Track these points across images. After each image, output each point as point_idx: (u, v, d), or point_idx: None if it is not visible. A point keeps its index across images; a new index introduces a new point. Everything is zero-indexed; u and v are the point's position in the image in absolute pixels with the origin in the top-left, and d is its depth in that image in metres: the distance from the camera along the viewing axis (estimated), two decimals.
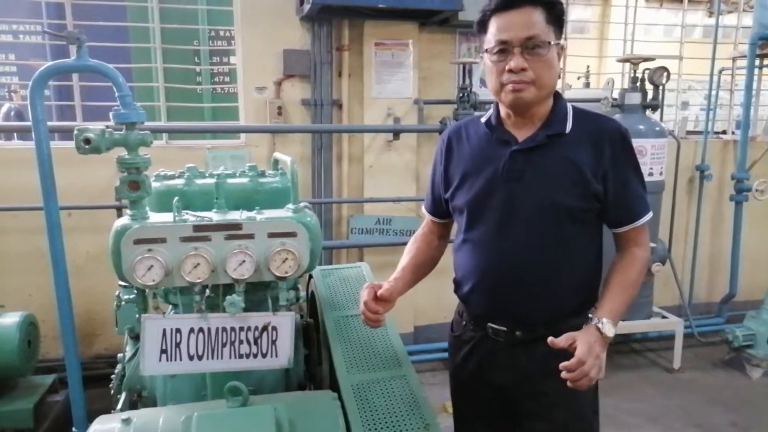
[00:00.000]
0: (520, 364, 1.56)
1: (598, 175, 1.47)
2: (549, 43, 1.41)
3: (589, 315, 1.54)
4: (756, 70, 4.38)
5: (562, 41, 1.46)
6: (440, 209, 1.71)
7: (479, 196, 1.54)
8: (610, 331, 1.42)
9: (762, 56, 4.35)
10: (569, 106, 1.55)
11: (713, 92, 4.53)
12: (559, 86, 1.60)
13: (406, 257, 1.72)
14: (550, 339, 1.37)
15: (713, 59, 4.44)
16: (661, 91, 3.83)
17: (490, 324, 1.58)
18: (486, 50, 1.46)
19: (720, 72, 4.64)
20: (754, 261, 4.70)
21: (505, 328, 1.56)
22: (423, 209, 1.80)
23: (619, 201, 1.51)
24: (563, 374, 1.34)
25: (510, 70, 1.41)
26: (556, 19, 1.44)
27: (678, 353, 3.98)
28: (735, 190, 4.43)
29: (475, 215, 1.56)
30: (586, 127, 1.51)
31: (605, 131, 1.50)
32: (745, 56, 4.31)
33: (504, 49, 1.41)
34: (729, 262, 4.58)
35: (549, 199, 1.47)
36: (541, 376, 1.51)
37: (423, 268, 1.74)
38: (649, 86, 3.78)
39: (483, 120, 1.61)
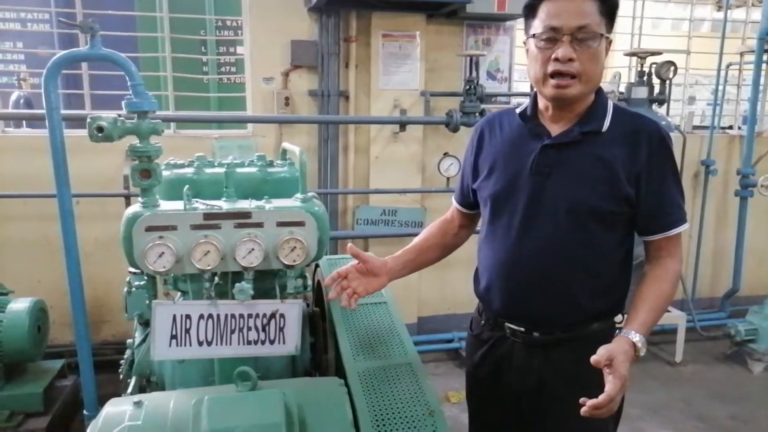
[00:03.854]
0: (536, 367, 1.51)
1: (631, 178, 1.40)
2: (600, 35, 1.35)
3: (617, 324, 1.50)
4: (764, 65, 4.36)
5: (611, 35, 1.40)
6: (467, 199, 1.68)
7: (505, 188, 1.49)
8: (642, 349, 1.34)
9: None
10: (610, 102, 1.48)
11: (720, 87, 4.51)
12: None
13: (416, 239, 1.70)
14: (593, 358, 1.26)
15: (721, 54, 4.42)
16: (667, 86, 3.82)
17: (507, 324, 1.54)
18: (533, 35, 1.39)
19: (727, 67, 4.62)
20: (758, 257, 4.71)
21: (522, 329, 1.52)
22: (452, 199, 1.76)
23: (652, 207, 1.43)
24: (584, 410, 1.24)
25: (556, 59, 1.34)
26: (610, 11, 1.38)
27: (680, 347, 4.00)
28: (740, 186, 4.43)
29: (498, 208, 1.51)
30: (624, 126, 1.44)
31: (643, 132, 1.42)
32: (753, 51, 4.29)
33: (552, 36, 1.35)
34: (733, 257, 4.59)
35: (575, 198, 1.41)
36: (559, 381, 1.48)
37: (429, 252, 1.70)
38: (655, 80, 3.78)
39: (518, 111, 1.55)
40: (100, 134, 1.56)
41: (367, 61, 3.81)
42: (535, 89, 1.48)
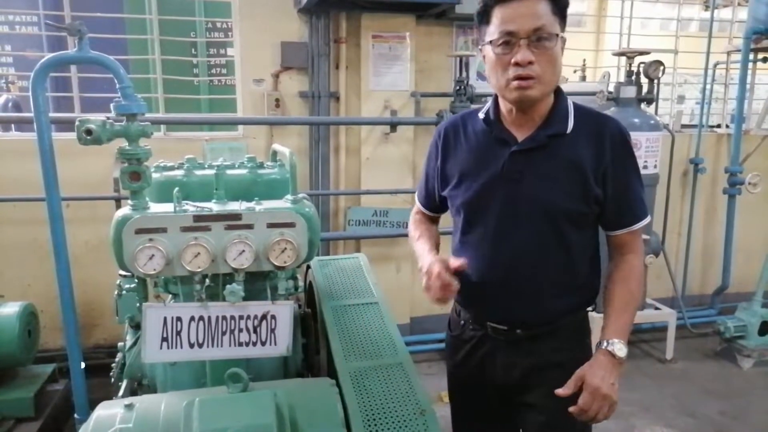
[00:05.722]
0: (520, 361, 1.55)
1: (598, 177, 1.44)
2: (556, 35, 1.35)
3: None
4: (750, 64, 4.41)
5: (564, 34, 1.41)
6: (434, 204, 1.70)
7: (478, 197, 1.50)
8: (621, 351, 1.40)
9: (756, 50, 4.38)
10: (570, 102, 1.50)
11: (708, 86, 4.55)
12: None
13: (425, 242, 1.63)
14: (557, 391, 1.38)
15: (708, 53, 4.47)
16: (656, 85, 3.86)
17: (490, 323, 1.56)
18: (489, 42, 1.38)
19: (715, 66, 4.66)
20: (746, 253, 4.75)
21: (505, 327, 1.54)
22: (416, 199, 1.77)
23: (618, 203, 1.47)
24: (572, 409, 1.37)
25: (516, 64, 1.34)
26: (561, 10, 1.38)
27: (671, 344, 4.04)
28: (728, 184, 4.47)
29: (473, 216, 1.53)
30: (587, 126, 1.46)
31: (606, 131, 1.45)
32: (739, 50, 4.34)
33: (509, 41, 1.34)
34: (722, 254, 4.63)
35: (549, 202, 1.44)
36: (541, 370, 1.52)
37: (438, 244, 1.70)
38: (644, 80, 3.81)
39: (480, 115, 1.54)
40: (88, 137, 1.56)
41: (358, 63, 3.82)
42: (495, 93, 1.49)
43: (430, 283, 1.42)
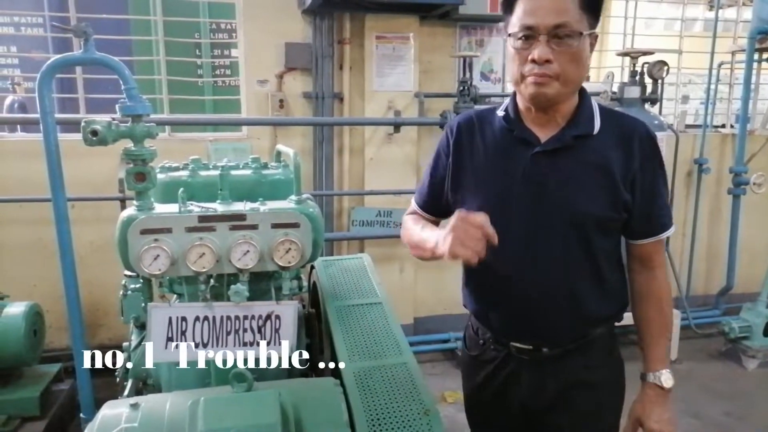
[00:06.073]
0: (546, 381, 1.44)
1: (626, 182, 1.34)
2: (580, 33, 1.24)
3: (642, 373, 1.48)
4: (755, 64, 4.39)
5: (596, 30, 1.30)
6: (439, 207, 1.54)
7: (496, 202, 1.37)
8: (669, 381, 1.37)
9: (761, 50, 4.36)
10: (594, 102, 1.40)
11: (712, 86, 4.54)
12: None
13: (431, 228, 1.43)
14: None
15: (712, 53, 4.45)
16: (660, 85, 3.85)
17: (513, 343, 1.45)
18: (509, 34, 1.30)
19: (719, 66, 4.65)
20: (751, 254, 4.74)
21: (530, 347, 1.43)
22: (413, 202, 1.61)
23: (645, 210, 1.37)
24: None
25: (533, 61, 1.25)
26: (592, 5, 1.27)
27: (675, 345, 4.03)
28: (733, 184, 4.46)
29: (490, 222, 1.33)
30: (614, 128, 1.36)
31: (635, 133, 1.35)
32: (744, 50, 4.33)
33: (529, 35, 1.25)
34: (726, 254, 4.62)
35: (577, 209, 1.33)
36: (569, 390, 1.44)
37: None
38: (648, 80, 3.81)
39: (500, 113, 1.43)
40: (94, 138, 1.57)
41: (361, 63, 3.83)
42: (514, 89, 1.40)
43: (467, 229, 1.18)
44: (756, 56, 4.35)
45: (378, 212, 3.95)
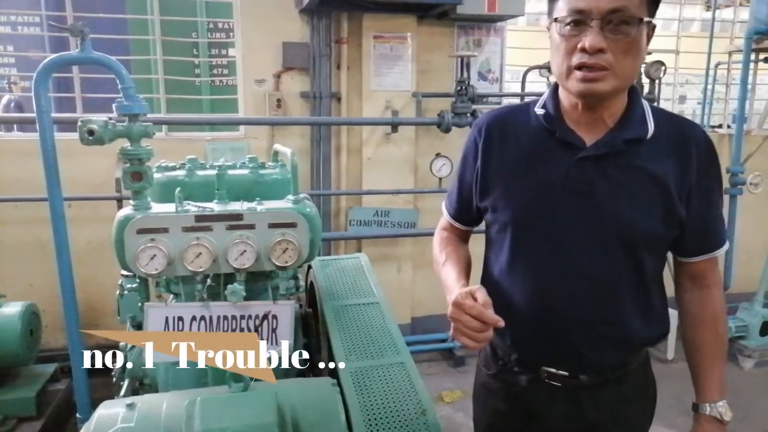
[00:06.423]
0: (584, 413, 1.29)
1: (682, 195, 1.18)
2: (640, 20, 1.08)
3: (695, 403, 1.31)
4: (751, 65, 4.40)
5: (654, 20, 1.14)
6: (468, 215, 1.40)
7: (531, 211, 1.22)
8: (728, 413, 1.24)
9: (758, 50, 4.37)
10: (645, 102, 1.24)
11: (709, 86, 4.55)
12: None
13: (452, 266, 1.34)
14: None
15: (709, 53, 4.46)
16: (657, 85, 3.86)
17: (545, 368, 1.29)
18: (555, 20, 1.14)
19: (716, 66, 4.66)
20: (747, 254, 4.74)
21: (566, 373, 1.28)
22: (443, 210, 1.47)
23: (701, 225, 1.22)
24: None
25: (583, 49, 1.09)
26: None
27: (672, 344, 4.03)
28: (730, 184, 4.46)
29: (524, 235, 1.25)
30: (669, 131, 1.20)
31: (692, 139, 1.19)
32: (741, 50, 4.33)
33: (580, 20, 1.09)
34: (723, 254, 4.62)
35: (627, 222, 1.17)
36: (610, 425, 1.30)
37: (469, 268, 1.41)
38: (645, 80, 3.81)
39: (538, 110, 1.26)
40: (91, 137, 1.57)
41: (359, 63, 3.83)
42: (557, 83, 1.24)
43: (464, 320, 1.09)
44: (753, 57, 4.36)
45: (375, 212, 3.95)
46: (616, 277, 1.21)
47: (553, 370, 1.29)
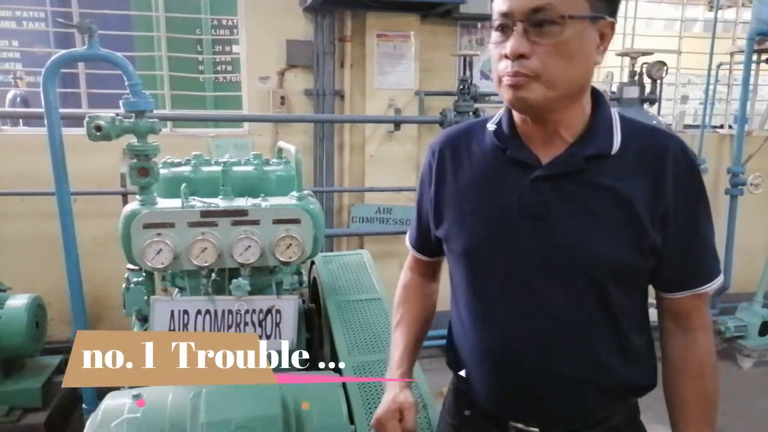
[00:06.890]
0: None
1: (656, 219, 1.01)
2: (565, 17, 0.92)
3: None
4: (753, 65, 4.41)
5: (607, 17, 0.97)
6: (431, 246, 1.24)
7: (485, 240, 1.07)
8: None
9: (759, 51, 4.38)
10: (615, 113, 1.07)
11: (711, 87, 4.56)
12: None
13: (402, 334, 1.24)
14: None
15: (711, 54, 4.47)
16: (659, 85, 3.87)
17: (513, 423, 1.12)
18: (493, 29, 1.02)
19: (718, 67, 4.67)
20: (747, 254, 4.76)
21: (536, 430, 1.10)
22: (407, 241, 1.32)
23: (682, 254, 1.04)
24: None
25: (505, 56, 0.96)
26: None
27: None
28: (730, 184, 4.48)
29: (479, 268, 1.09)
30: (638, 145, 1.03)
31: (667, 152, 1.02)
32: (743, 51, 4.35)
33: (505, 24, 0.97)
34: (723, 254, 4.64)
35: (589, 250, 1.01)
36: None
37: (424, 331, 1.29)
38: (647, 80, 3.82)
39: (490, 127, 1.11)
40: (98, 133, 1.60)
41: (362, 61, 3.85)
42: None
43: None
44: (755, 57, 4.37)
45: (378, 209, 3.97)
46: (582, 314, 1.04)
47: (521, 425, 1.11)
